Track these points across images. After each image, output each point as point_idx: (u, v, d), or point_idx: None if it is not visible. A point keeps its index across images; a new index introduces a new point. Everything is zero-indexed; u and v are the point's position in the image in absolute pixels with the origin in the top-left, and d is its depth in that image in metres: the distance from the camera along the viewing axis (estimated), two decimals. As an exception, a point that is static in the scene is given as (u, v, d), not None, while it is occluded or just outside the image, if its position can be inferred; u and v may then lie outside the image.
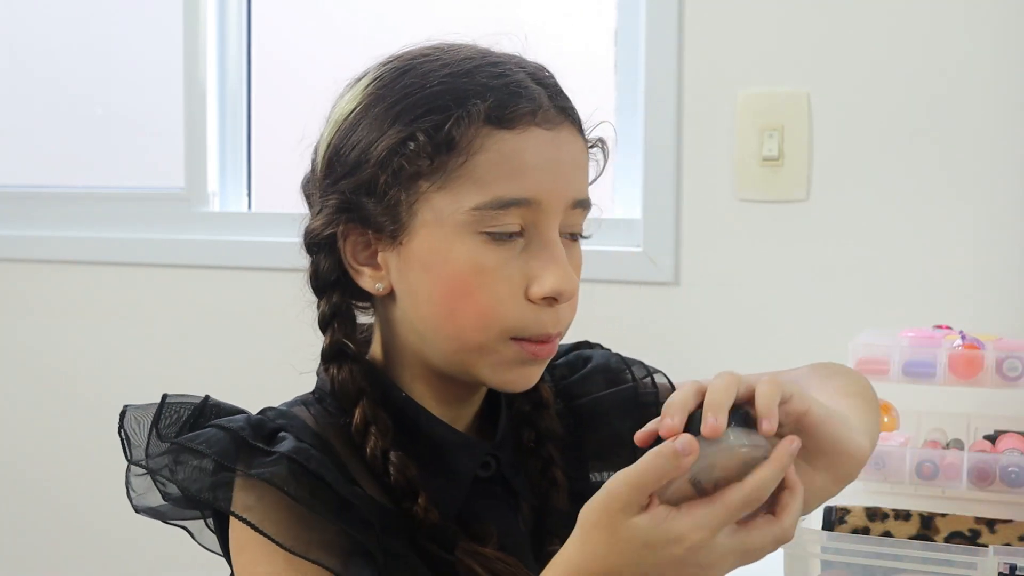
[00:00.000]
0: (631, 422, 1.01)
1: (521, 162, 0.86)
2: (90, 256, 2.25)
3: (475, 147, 0.85)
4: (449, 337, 0.87)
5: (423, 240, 0.86)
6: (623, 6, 1.89)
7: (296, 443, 0.84)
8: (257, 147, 2.22)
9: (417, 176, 0.85)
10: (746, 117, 1.77)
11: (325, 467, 0.83)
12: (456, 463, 0.91)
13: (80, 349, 2.26)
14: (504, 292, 0.86)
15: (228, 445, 0.83)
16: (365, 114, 0.89)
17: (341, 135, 0.90)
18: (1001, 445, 1.32)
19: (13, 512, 2.35)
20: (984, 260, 1.67)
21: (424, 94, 0.87)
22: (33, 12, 2.42)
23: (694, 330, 1.82)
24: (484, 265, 0.85)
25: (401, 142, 0.85)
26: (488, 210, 0.85)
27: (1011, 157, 1.66)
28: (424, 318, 0.88)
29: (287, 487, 0.81)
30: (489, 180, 0.85)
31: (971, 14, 1.67)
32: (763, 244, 1.78)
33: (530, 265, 0.86)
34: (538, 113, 0.87)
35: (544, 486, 0.96)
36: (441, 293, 0.86)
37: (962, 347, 1.33)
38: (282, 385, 1.04)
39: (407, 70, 0.89)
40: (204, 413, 0.89)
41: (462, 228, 0.85)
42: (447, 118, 0.85)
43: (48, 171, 2.45)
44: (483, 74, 0.87)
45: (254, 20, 2.23)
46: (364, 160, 0.87)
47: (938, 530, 1.15)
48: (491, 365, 0.88)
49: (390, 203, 0.86)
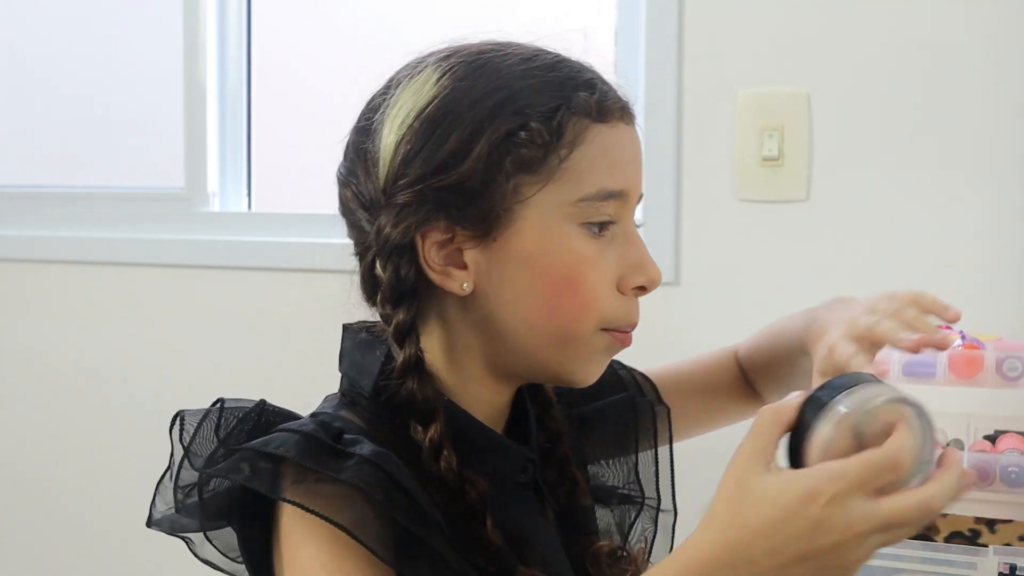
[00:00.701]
0: (630, 429, 1.05)
1: (616, 155, 0.88)
2: (90, 256, 2.25)
3: (580, 139, 0.86)
4: (546, 330, 0.87)
5: (524, 234, 0.85)
6: (623, 6, 1.89)
7: (374, 447, 0.81)
8: (257, 147, 2.22)
9: (522, 167, 0.84)
10: (746, 117, 1.77)
11: (403, 472, 0.81)
12: (500, 468, 0.90)
13: (80, 349, 2.26)
14: (602, 284, 0.87)
15: (307, 448, 0.80)
16: (449, 108, 0.85)
17: (418, 133, 0.86)
18: (1001, 445, 1.32)
19: (11, 512, 2.35)
20: (984, 260, 1.67)
21: (523, 85, 0.86)
22: (33, 12, 2.42)
23: (694, 330, 1.82)
24: (586, 257, 0.86)
25: (510, 133, 0.84)
26: (594, 201, 0.86)
27: (1011, 157, 1.66)
28: (519, 314, 0.87)
29: (372, 491, 0.78)
30: (592, 172, 0.86)
31: (971, 14, 1.67)
32: (763, 244, 1.78)
33: (622, 257, 0.88)
34: (624, 108, 0.90)
35: (566, 485, 0.96)
36: (543, 287, 0.86)
37: (962, 347, 1.33)
38: (282, 385, 1.04)
39: (483, 63, 0.87)
40: (263, 418, 0.87)
41: (566, 220, 0.86)
42: (556, 108, 0.85)
43: (48, 171, 2.45)
44: (569, 68, 0.89)
45: (254, 20, 2.23)
46: (459, 155, 0.84)
47: (938, 530, 1.15)
48: (581, 357, 0.89)
49: (489, 198, 0.84)
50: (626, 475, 1.05)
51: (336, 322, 0.95)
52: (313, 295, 2.00)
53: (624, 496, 1.04)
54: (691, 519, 1.05)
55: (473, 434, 0.89)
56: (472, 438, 0.88)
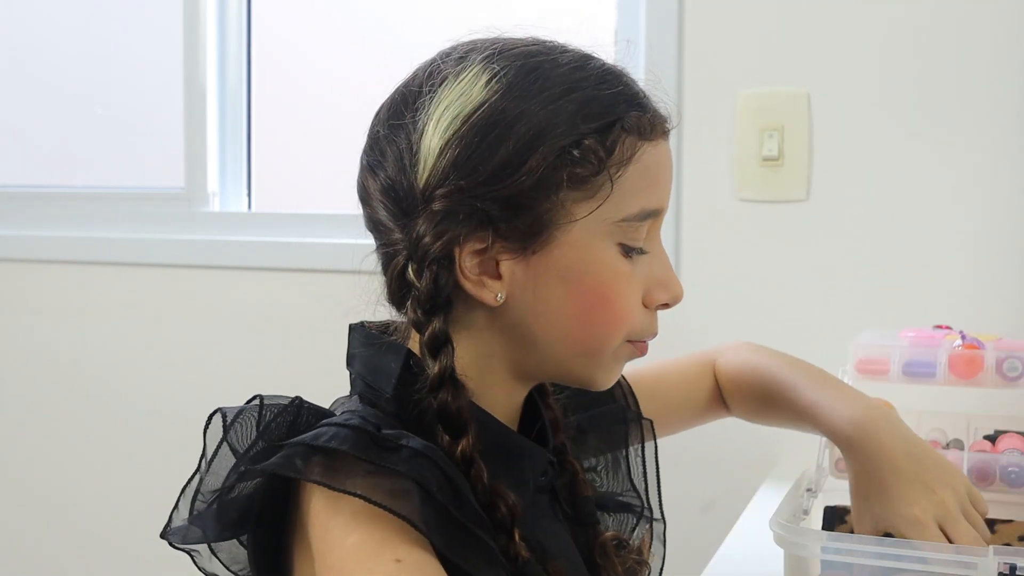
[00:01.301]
0: (618, 438, 1.06)
1: (657, 174, 0.88)
2: (90, 256, 2.25)
3: (628, 159, 0.85)
4: (576, 344, 0.87)
5: (564, 250, 0.85)
6: (623, 6, 1.89)
7: (422, 441, 0.79)
8: (257, 147, 2.22)
9: (574, 185, 0.83)
10: (746, 117, 1.77)
11: (451, 467, 0.80)
12: (524, 471, 0.90)
13: (80, 349, 2.26)
14: (632, 300, 0.88)
15: (359, 441, 0.78)
16: (500, 118, 0.83)
17: (465, 139, 0.83)
18: (1001, 445, 1.32)
19: (11, 512, 2.35)
20: (984, 260, 1.67)
21: (574, 99, 0.84)
22: (33, 12, 2.42)
23: (694, 330, 1.82)
24: (621, 275, 0.87)
25: (564, 150, 0.83)
26: (634, 222, 0.86)
27: (1011, 157, 1.66)
28: (551, 326, 0.86)
29: (428, 483, 0.77)
30: (635, 191, 0.86)
31: (971, 14, 1.67)
32: (763, 244, 1.78)
33: (650, 273, 0.89)
34: (665, 124, 0.90)
35: (566, 477, 0.96)
36: (579, 301, 0.86)
37: (962, 347, 1.33)
38: (283, 385, 1.03)
39: (534, 68, 0.85)
40: (302, 414, 0.84)
41: (606, 238, 0.86)
42: (610, 126, 0.85)
43: (48, 171, 2.45)
44: (620, 82, 0.88)
45: (254, 20, 2.23)
46: (510, 167, 0.82)
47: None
48: (604, 365, 0.89)
49: (537, 213, 0.83)
50: (621, 483, 1.05)
51: (336, 322, 0.94)
52: (313, 295, 2.01)
53: (623, 504, 1.05)
54: (680, 527, 1.07)
55: (496, 436, 0.88)
56: (496, 441, 0.87)
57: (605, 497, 1.04)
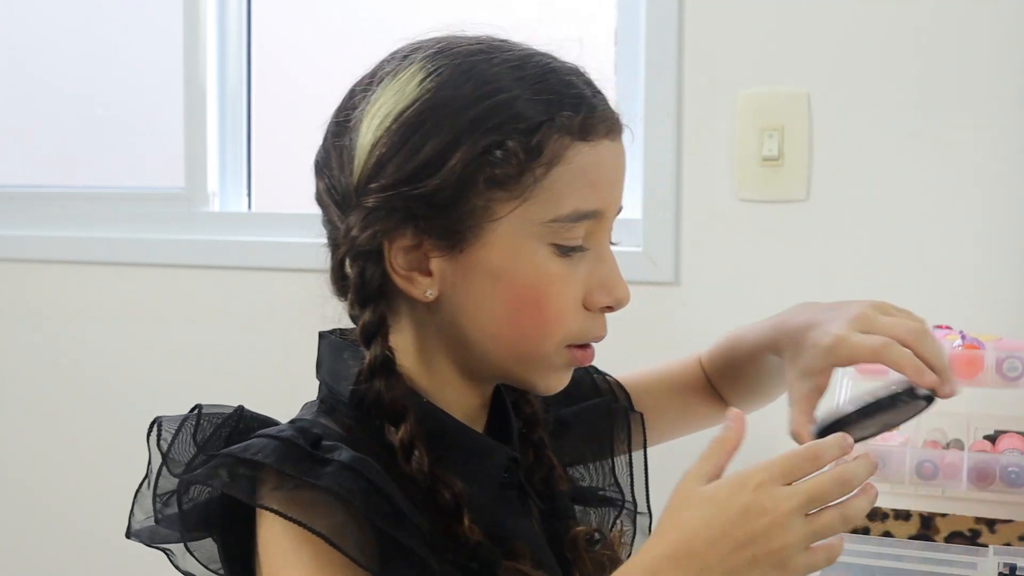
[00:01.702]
0: (605, 433, 1.06)
1: (596, 175, 0.86)
2: (90, 256, 2.25)
3: (557, 159, 0.84)
4: (508, 345, 0.87)
5: (492, 250, 0.84)
6: (623, 6, 1.89)
7: (352, 453, 0.80)
8: (257, 147, 2.22)
9: (496, 185, 0.83)
10: (746, 117, 1.77)
11: (383, 478, 0.80)
12: (485, 469, 0.89)
13: (80, 349, 2.26)
14: (568, 302, 0.86)
15: (286, 454, 0.79)
16: (429, 114, 0.84)
17: (395, 136, 0.85)
18: (1001, 445, 1.32)
19: (10, 511, 2.35)
20: (984, 260, 1.67)
21: (505, 98, 0.84)
22: (33, 12, 2.42)
23: (694, 330, 1.81)
24: (553, 276, 0.85)
25: (486, 149, 0.83)
26: (565, 223, 0.85)
27: (1011, 157, 1.66)
28: (482, 326, 0.86)
29: (352, 497, 0.78)
30: (568, 193, 0.85)
31: (971, 14, 1.67)
32: (763, 244, 1.78)
33: (591, 275, 0.87)
34: (610, 124, 0.87)
35: (543, 472, 0.96)
36: (507, 303, 0.85)
37: (962, 347, 1.33)
38: (282, 385, 1.04)
39: (469, 68, 0.85)
40: (242, 424, 0.86)
41: (535, 239, 0.85)
42: (537, 126, 0.83)
43: (48, 171, 2.45)
44: (558, 81, 0.86)
45: (254, 20, 2.23)
46: (433, 166, 0.83)
47: (938, 530, 1.15)
48: (542, 371, 0.88)
49: (459, 212, 0.83)
50: (604, 478, 1.05)
51: (335, 323, 0.95)
52: (313, 295, 2.01)
53: (604, 498, 1.04)
54: None
55: (454, 434, 0.88)
56: (453, 439, 0.88)
57: (587, 492, 1.04)
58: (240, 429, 0.86)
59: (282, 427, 0.84)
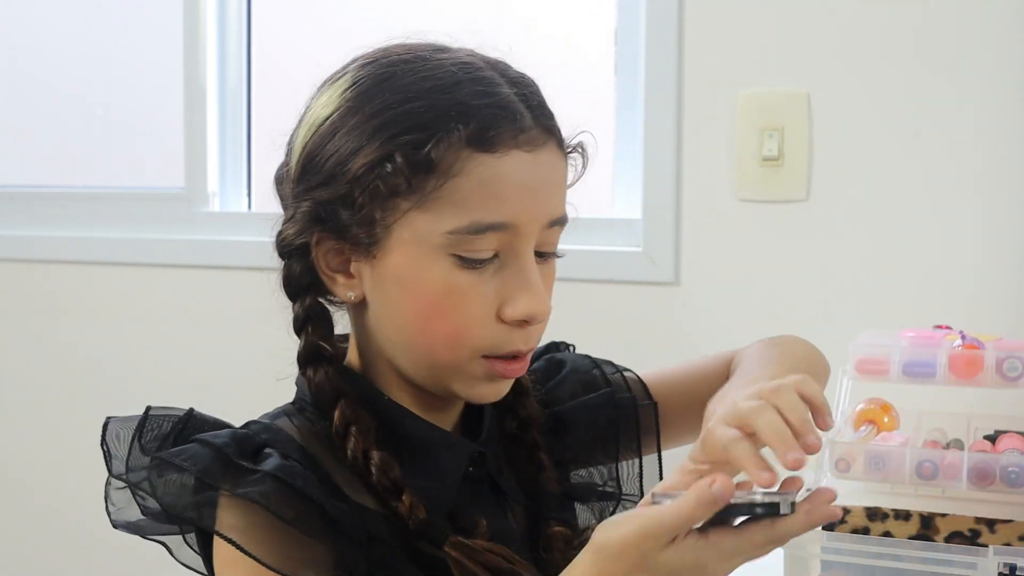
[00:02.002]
0: (610, 426, 1.04)
1: (501, 187, 0.84)
2: (90, 256, 2.25)
3: (455, 170, 0.83)
4: (421, 353, 0.87)
5: (398, 257, 0.85)
6: (623, 6, 1.89)
7: (281, 460, 0.83)
8: (257, 147, 2.22)
9: (394, 194, 0.84)
10: (746, 117, 1.77)
11: (311, 483, 0.82)
12: (444, 463, 0.90)
13: (80, 349, 2.26)
14: (476, 314, 0.85)
15: (212, 462, 0.82)
16: (342, 123, 0.87)
17: (317, 141, 0.89)
18: (1001, 445, 1.32)
19: (10, 511, 2.35)
20: (984, 260, 1.67)
21: (404, 110, 0.85)
22: (33, 12, 2.42)
23: (694, 330, 1.82)
24: (457, 287, 0.85)
25: (379, 160, 0.84)
26: (464, 234, 0.84)
27: (1011, 157, 1.66)
28: (397, 330, 0.88)
29: (273, 506, 0.80)
30: (467, 204, 0.84)
31: (971, 14, 1.67)
32: (763, 244, 1.78)
33: (504, 287, 0.86)
34: (520, 136, 0.85)
35: (532, 471, 0.97)
36: (414, 311, 0.86)
37: (962, 347, 1.33)
38: (281, 386, 1.04)
39: (387, 78, 0.87)
40: (189, 426, 0.88)
41: (437, 250, 0.84)
42: (428, 138, 0.83)
43: (48, 171, 2.45)
44: (466, 92, 0.85)
45: (254, 20, 2.23)
46: (340, 173, 0.86)
47: (938, 530, 1.15)
48: (461, 380, 0.88)
49: (366, 218, 0.85)
50: (607, 472, 1.05)
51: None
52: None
53: (603, 493, 1.04)
54: None
55: (413, 428, 0.90)
56: (413, 433, 0.90)
57: (585, 488, 1.04)
58: (187, 431, 0.88)
59: (219, 434, 0.86)
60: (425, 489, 0.87)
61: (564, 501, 1.00)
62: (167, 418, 0.88)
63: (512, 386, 0.96)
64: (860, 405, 1.40)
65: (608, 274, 1.84)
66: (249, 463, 0.82)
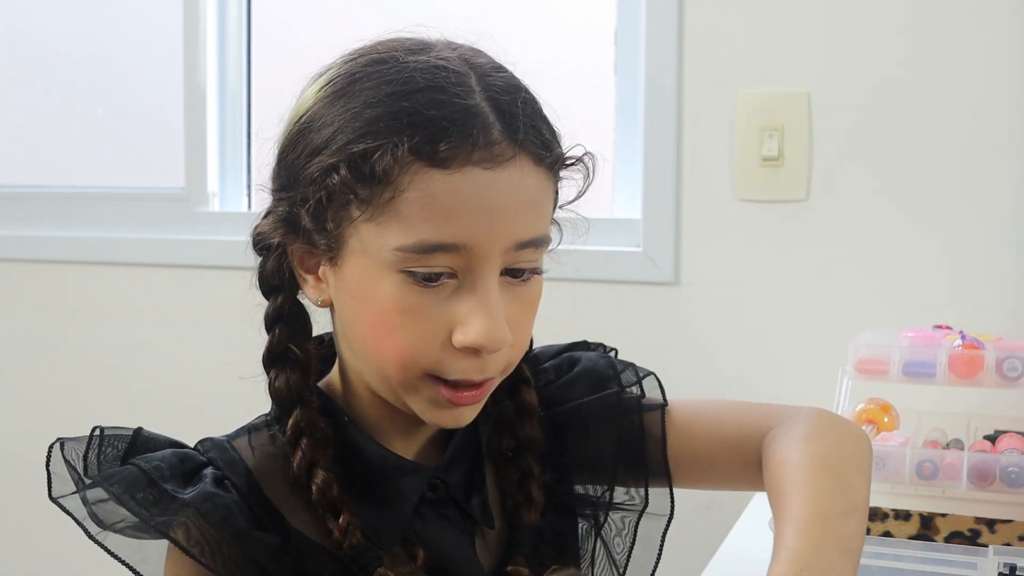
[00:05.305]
0: (612, 430, 0.98)
1: (451, 205, 0.78)
2: (90, 256, 2.25)
3: (403, 184, 0.78)
4: (374, 365, 0.83)
5: (352, 268, 0.82)
6: (623, 6, 1.89)
7: (206, 488, 0.81)
8: (257, 147, 2.22)
9: (346, 204, 0.80)
10: (746, 117, 1.77)
11: (230, 517, 0.80)
12: (401, 487, 0.87)
13: (80, 349, 2.26)
14: (426, 335, 0.80)
15: (132, 487, 0.80)
16: (310, 124, 0.84)
17: (290, 139, 0.87)
18: (1001, 445, 1.32)
19: (12, 511, 2.35)
20: (984, 260, 1.67)
21: (363, 116, 0.81)
22: (33, 12, 2.42)
23: (694, 330, 1.82)
24: (407, 305, 0.79)
25: (331, 168, 0.80)
26: (411, 252, 0.78)
27: (1011, 157, 1.66)
28: (356, 339, 0.85)
29: (182, 540, 0.79)
30: (415, 221, 0.78)
31: (971, 14, 1.67)
32: (763, 244, 1.78)
33: (457, 310, 0.80)
34: (475, 152, 0.78)
35: (519, 499, 0.92)
36: (366, 324, 0.82)
37: (962, 347, 1.33)
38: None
39: (356, 80, 0.83)
40: (136, 447, 0.85)
41: (386, 265, 0.79)
42: (376, 148, 0.78)
43: (48, 171, 2.45)
44: (423, 100, 0.79)
45: (254, 20, 2.23)
46: (295, 179, 0.84)
47: (938, 530, 1.15)
48: (415, 402, 0.83)
49: (320, 224, 0.82)
50: (608, 478, 0.99)
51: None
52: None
53: (594, 502, 0.99)
54: (680, 526, 1.03)
55: (370, 452, 0.87)
56: (370, 457, 0.87)
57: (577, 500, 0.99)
58: (133, 451, 0.85)
59: (155, 456, 0.84)
60: (381, 515, 0.85)
61: (546, 534, 0.95)
62: (118, 438, 0.86)
63: (517, 402, 0.94)
64: (860, 405, 1.40)
65: (608, 274, 1.84)
66: (178, 486, 0.81)
